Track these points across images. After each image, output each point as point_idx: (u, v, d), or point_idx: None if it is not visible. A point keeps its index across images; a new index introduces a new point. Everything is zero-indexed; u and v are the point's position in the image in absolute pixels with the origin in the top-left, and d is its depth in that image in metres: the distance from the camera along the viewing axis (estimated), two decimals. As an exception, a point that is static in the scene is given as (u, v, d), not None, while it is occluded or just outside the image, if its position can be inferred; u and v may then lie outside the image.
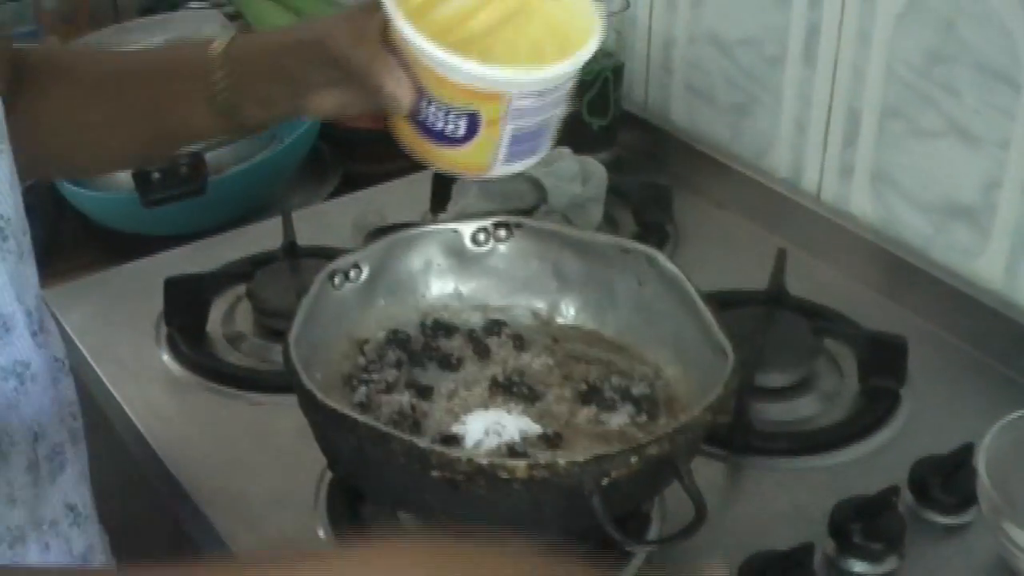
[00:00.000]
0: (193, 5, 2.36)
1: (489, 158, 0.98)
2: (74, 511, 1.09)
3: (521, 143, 0.98)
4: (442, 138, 0.97)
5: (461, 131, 0.96)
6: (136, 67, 1.19)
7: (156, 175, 1.70)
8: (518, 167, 1.01)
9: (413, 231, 1.24)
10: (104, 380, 1.37)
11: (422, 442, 0.98)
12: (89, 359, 1.40)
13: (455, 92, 0.94)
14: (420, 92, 0.95)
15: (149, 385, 1.36)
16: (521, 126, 0.97)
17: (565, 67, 0.95)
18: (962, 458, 1.16)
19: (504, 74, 0.93)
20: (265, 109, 1.09)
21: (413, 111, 0.97)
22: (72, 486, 1.08)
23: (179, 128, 1.15)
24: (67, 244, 1.83)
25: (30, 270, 1.02)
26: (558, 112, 1.00)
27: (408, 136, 0.99)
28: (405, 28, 0.93)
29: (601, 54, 1.62)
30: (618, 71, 1.67)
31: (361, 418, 1.00)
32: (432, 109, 0.96)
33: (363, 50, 0.96)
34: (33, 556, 1.04)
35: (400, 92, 0.96)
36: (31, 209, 1.71)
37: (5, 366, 0.99)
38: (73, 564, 1.09)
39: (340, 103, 1.02)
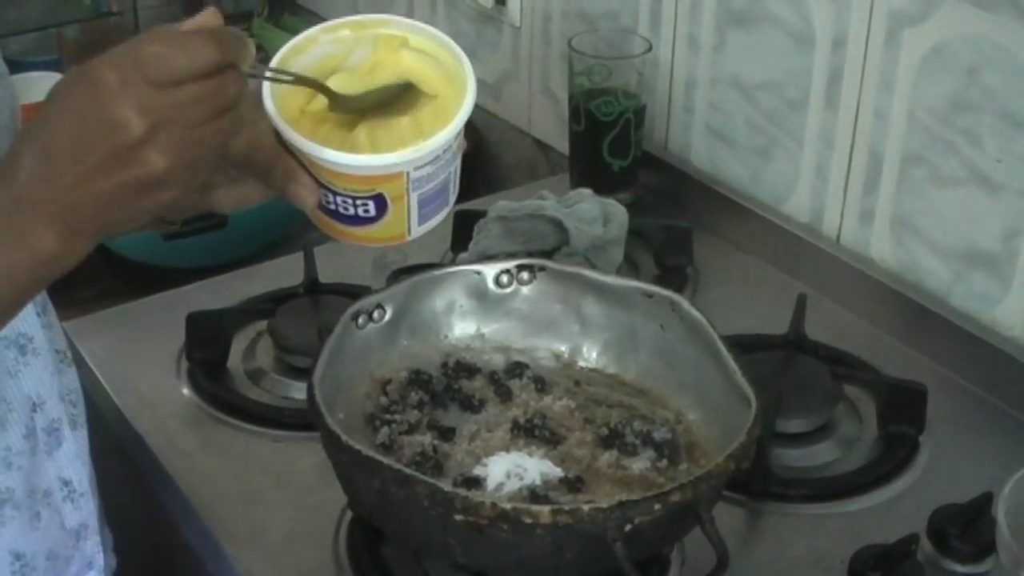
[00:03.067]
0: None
1: (404, 226, 1.01)
2: (68, 485, 1.13)
3: (430, 204, 1.01)
4: (356, 220, 0.99)
5: (372, 212, 0.98)
6: None
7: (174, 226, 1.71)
8: (434, 223, 1.03)
9: (436, 272, 1.25)
10: (124, 412, 1.37)
11: (446, 486, 0.98)
12: (109, 391, 1.40)
13: (356, 182, 0.97)
14: (323, 186, 0.97)
15: (169, 418, 1.37)
16: (425, 191, 0.99)
17: (450, 132, 0.97)
18: (981, 507, 1.16)
19: (397, 157, 0.96)
20: (170, 211, 1.09)
21: (321, 203, 0.99)
22: (68, 462, 1.13)
23: None
24: (88, 275, 1.83)
25: None
26: (455, 166, 1.02)
27: (323, 222, 1.01)
28: (297, 139, 0.95)
29: (623, 95, 1.63)
30: (639, 113, 1.68)
31: (386, 460, 1.00)
32: (339, 199, 0.98)
33: (262, 155, 0.98)
34: (21, 522, 1.09)
35: (303, 192, 0.98)
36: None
37: (7, 336, 1.05)
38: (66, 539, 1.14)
39: (241, 198, 1.04)
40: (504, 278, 1.25)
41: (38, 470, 1.10)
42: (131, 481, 1.38)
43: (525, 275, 1.25)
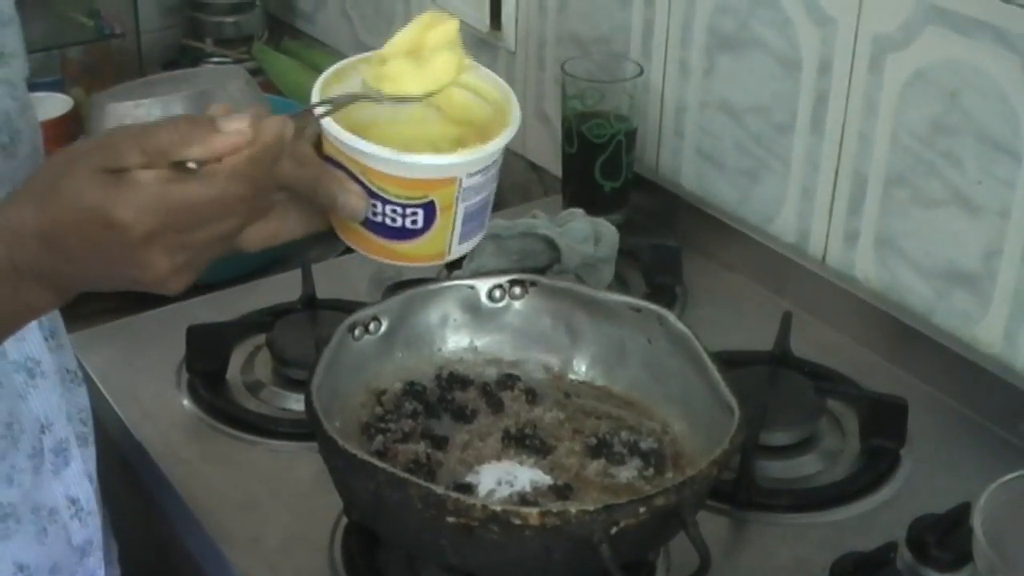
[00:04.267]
0: (216, 61, 2.41)
1: (445, 243, 1.02)
2: (75, 504, 1.15)
3: (471, 221, 1.02)
4: (401, 233, 1.00)
5: (420, 223, 1.00)
6: None
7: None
8: (468, 247, 1.05)
9: (431, 286, 1.28)
10: (126, 422, 1.40)
11: (439, 488, 1.01)
12: (112, 402, 1.43)
13: (410, 187, 0.98)
14: (371, 195, 0.99)
15: (170, 428, 1.39)
16: (471, 204, 1.01)
17: (502, 140, 0.99)
18: (959, 517, 1.18)
19: (456, 157, 0.98)
20: None
21: (367, 216, 1.00)
22: (75, 481, 1.15)
23: None
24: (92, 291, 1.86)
25: None
26: (494, 187, 1.04)
27: (364, 241, 1.02)
28: (356, 141, 0.96)
29: (615, 118, 1.67)
30: (631, 135, 1.71)
31: (380, 464, 1.03)
32: (388, 209, 0.99)
33: (307, 170, 0.98)
34: (27, 536, 1.10)
35: (353, 200, 0.99)
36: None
37: (17, 360, 1.08)
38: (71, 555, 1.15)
39: (271, 234, 1.02)
40: (497, 293, 1.28)
41: (43, 489, 1.12)
42: (133, 489, 1.41)
43: (517, 290, 1.28)
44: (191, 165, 0.88)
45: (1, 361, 1.07)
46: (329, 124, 0.97)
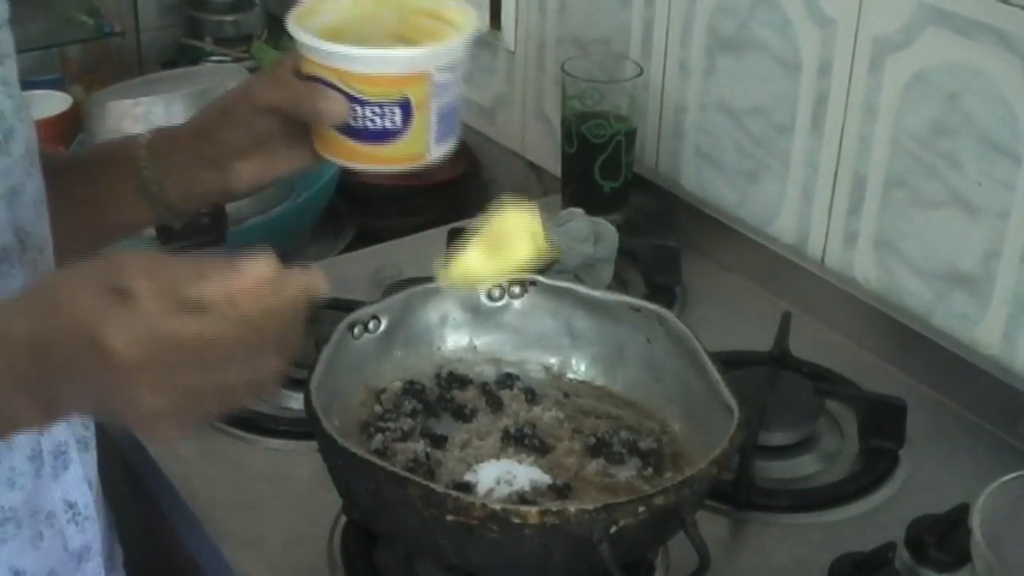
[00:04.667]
0: (215, 59, 2.41)
1: (424, 143, 1.07)
2: (73, 508, 1.14)
3: (445, 122, 1.08)
4: (382, 135, 1.06)
5: (398, 122, 1.05)
6: (70, 163, 1.23)
7: (177, 225, 1.74)
8: (445, 149, 1.10)
9: (431, 285, 1.28)
10: (125, 422, 1.40)
11: (438, 487, 1.01)
12: (111, 402, 1.43)
13: (386, 84, 1.04)
14: (351, 100, 1.04)
15: (169, 428, 1.39)
16: (443, 104, 1.07)
17: (466, 37, 1.07)
18: (957, 517, 1.19)
19: (428, 50, 1.05)
20: (189, 190, 1.14)
21: (346, 121, 1.05)
22: (74, 485, 1.13)
23: (114, 222, 1.20)
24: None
25: None
26: (461, 91, 1.10)
27: (347, 151, 1.07)
28: (330, 46, 1.03)
29: (614, 118, 1.67)
30: (630, 135, 1.71)
31: (379, 462, 1.03)
32: (367, 111, 1.05)
33: (289, 90, 1.05)
34: (22, 541, 1.09)
35: (334, 105, 1.04)
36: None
37: None
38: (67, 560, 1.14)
39: (260, 172, 1.09)
40: (496, 292, 1.28)
41: (42, 491, 1.10)
42: (133, 489, 1.41)
43: (516, 289, 1.28)
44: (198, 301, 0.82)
45: None
46: (305, 36, 1.04)
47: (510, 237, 1.06)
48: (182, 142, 1.15)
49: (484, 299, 1.28)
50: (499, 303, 1.28)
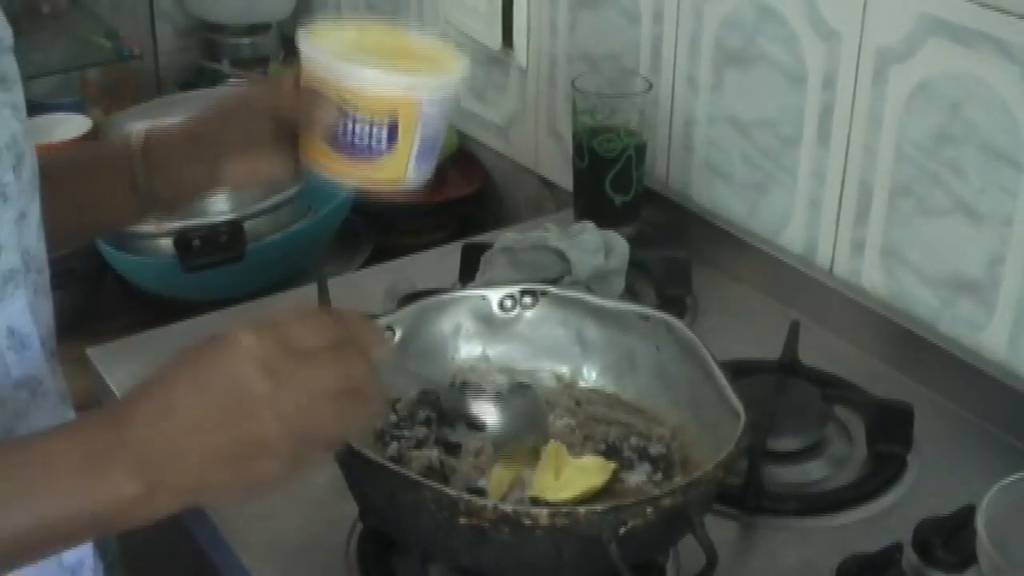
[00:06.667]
0: (233, 82, 2.44)
1: (404, 166, 1.12)
2: None
3: (425, 153, 1.13)
4: (366, 152, 1.10)
5: (384, 140, 1.09)
6: (66, 164, 1.26)
7: (196, 242, 1.76)
8: (421, 177, 1.14)
9: (444, 296, 1.30)
10: (146, 435, 1.42)
11: (451, 490, 1.04)
12: (132, 416, 1.45)
13: (379, 102, 1.08)
14: (342, 113, 1.08)
15: (189, 441, 1.41)
16: (426, 135, 1.11)
17: (458, 73, 1.13)
18: (963, 519, 1.20)
19: (423, 78, 1.11)
20: (179, 187, 1.19)
21: (335, 133, 1.09)
22: None
23: (105, 217, 1.26)
24: (110, 309, 1.90)
25: (45, 305, 1.12)
26: (444, 129, 1.15)
27: (330, 161, 1.12)
28: (327, 57, 1.09)
29: (625, 133, 1.69)
30: (641, 150, 1.73)
31: (394, 467, 1.06)
32: (357, 127, 1.09)
33: (284, 94, 1.12)
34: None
35: (326, 112, 1.08)
36: (73, 272, 1.79)
37: (20, 379, 1.09)
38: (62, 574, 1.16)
39: (245, 171, 1.14)
40: (508, 302, 1.30)
41: None
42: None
43: (528, 300, 1.30)
44: None
45: (5, 381, 1.08)
46: (309, 47, 1.10)
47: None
48: (175, 141, 1.20)
49: (496, 309, 1.30)
50: (511, 313, 1.30)
